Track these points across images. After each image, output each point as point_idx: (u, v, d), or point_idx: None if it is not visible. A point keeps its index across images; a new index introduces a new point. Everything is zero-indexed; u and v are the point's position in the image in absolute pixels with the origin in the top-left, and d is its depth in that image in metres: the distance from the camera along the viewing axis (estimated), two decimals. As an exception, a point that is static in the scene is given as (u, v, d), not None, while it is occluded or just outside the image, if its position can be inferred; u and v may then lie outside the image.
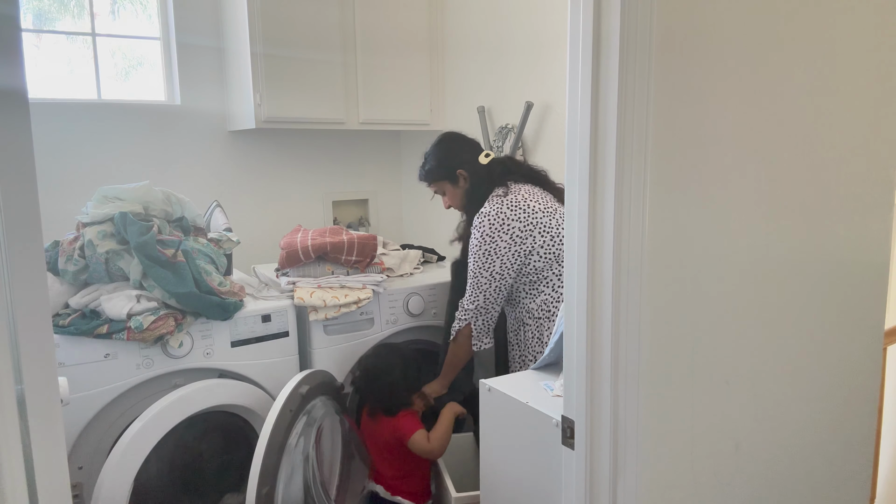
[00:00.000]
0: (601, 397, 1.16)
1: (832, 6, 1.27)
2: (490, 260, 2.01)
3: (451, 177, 2.15)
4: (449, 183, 2.17)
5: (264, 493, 1.78)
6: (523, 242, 2.00)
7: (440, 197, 2.25)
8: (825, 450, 1.46)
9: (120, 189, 2.02)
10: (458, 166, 2.14)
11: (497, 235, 2.00)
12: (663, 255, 1.13)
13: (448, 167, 2.15)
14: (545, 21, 2.47)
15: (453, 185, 2.16)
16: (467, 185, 2.14)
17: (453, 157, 2.16)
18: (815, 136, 1.29)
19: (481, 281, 2.03)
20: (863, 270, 1.45)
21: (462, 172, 2.14)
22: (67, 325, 1.86)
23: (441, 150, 2.19)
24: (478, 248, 2.02)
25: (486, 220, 2.02)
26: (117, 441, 1.84)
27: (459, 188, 2.16)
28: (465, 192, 2.15)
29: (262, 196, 3.04)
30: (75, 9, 2.67)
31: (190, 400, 1.95)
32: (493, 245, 2.00)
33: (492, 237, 2.00)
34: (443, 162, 2.16)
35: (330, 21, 2.72)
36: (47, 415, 0.85)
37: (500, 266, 2.01)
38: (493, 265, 2.01)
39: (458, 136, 2.25)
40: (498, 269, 2.01)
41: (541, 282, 2.03)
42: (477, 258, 2.03)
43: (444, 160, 2.17)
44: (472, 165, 2.14)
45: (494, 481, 1.66)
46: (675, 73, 1.08)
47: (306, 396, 1.96)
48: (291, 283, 2.28)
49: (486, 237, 2.00)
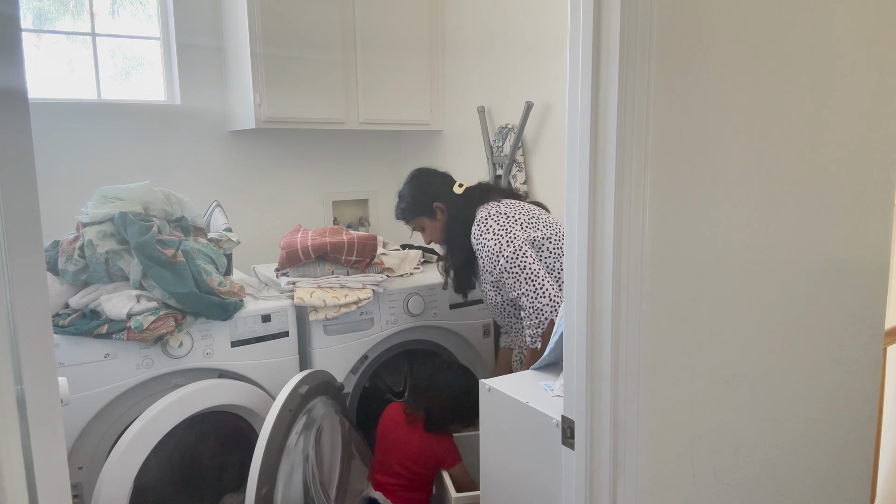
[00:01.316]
0: (601, 397, 1.16)
1: (832, 6, 1.27)
2: (518, 246, 1.94)
3: (429, 211, 2.16)
4: (427, 218, 2.17)
5: (263, 493, 1.78)
6: (532, 231, 1.99)
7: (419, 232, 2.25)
8: (825, 450, 1.46)
9: (120, 189, 2.02)
10: (433, 199, 2.15)
11: (509, 226, 1.97)
12: (663, 255, 1.13)
13: (423, 202, 2.16)
14: (545, 21, 2.47)
15: (431, 220, 2.17)
16: (445, 217, 2.14)
17: (427, 191, 2.17)
18: (814, 135, 1.29)
19: (532, 269, 1.92)
20: (863, 270, 1.45)
21: (439, 205, 2.14)
22: (67, 325, 1.86)
23: (414, 187, 2.20)
24: (497, 246, 1.96)
25: (491, 220, 2.00)
26: (117, 441, 1.84)
27: (438, 221, 2.16)
28: (443, 224, 2.15)
29: (262, 196, 3.03)
30: (75, 9, 2.67)
31: (190, 400, 1.95)
32: (510, 235, 1.96)
33: (505, 229, 1.97)
34: (417, 198, 2.17)
35: (330, 21, 2.72)
36: (47, 415, 0.85)
37: (528, 252, 1.94)
38: (525, 250, 1.94)
39: (430, 171, 2.26)
40: (530, 255, 1.94)
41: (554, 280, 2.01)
42: (506, 255, 1.95)
43: (417, 197, 2.17)
44: (447, 197, 2.15)
45: (494, 481, 1.66)
46: (675, 73, 1.08)
47: (306, 396, 1.96)
48: (291, 283, 2.28)
49: (500, 232, 1.97)
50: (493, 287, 2.11)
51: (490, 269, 2.00)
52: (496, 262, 1.96)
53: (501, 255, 1.95)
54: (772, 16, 1.18)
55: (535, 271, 1.92)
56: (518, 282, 1.93)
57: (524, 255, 1.93)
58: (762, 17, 1.17)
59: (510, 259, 1.94)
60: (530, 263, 1.93)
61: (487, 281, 2.13)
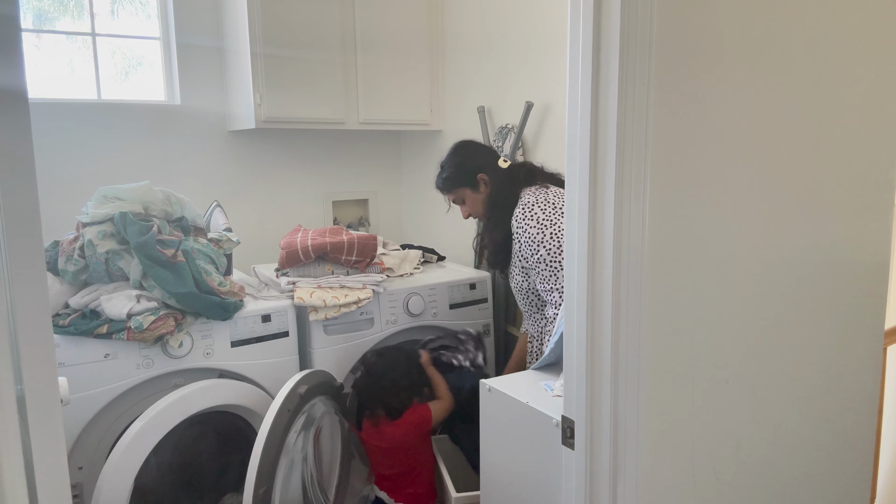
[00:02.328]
0: (601, 397, 1.16)
1: (833, 7, 1.27)
2: (561, 242, 1.88)
3: (472, 182, 2.10)
4: (469, 189, 2.12)
5: (261, 493, 1.78)
6: None
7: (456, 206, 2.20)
8: (825, 450, 1.46)
9: (120, 189, 2.02)
10: (477, 171, 2.10)
11: (555, 218, 1.93)
12: (663, 254, 1.13)
13: (467, 173, 2.10)
14: (545, 21, 2.47)
15: (474, 191, 2.11)
16: (489, 190, 2.09)
17: (472, 162, 2.12)
18: (814, 135, 1.29)
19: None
20: (863, 270, 1.45)
21: (483, 177, 2.09)
22: (67, 325, 1.86)
23: (458, 157, 2.15)
24: (540, 236, 1.92)
25: (538, 207, 1.95)
26: (117, 441, 1.84)
27: (480, 193, 2.11)
28: (486, 197, 2.10)
29: (262, 196, 3.03)
30: (75, 9, 2.67)
31: (190, 400, 1.95)
32: (555, 227, 1.92)
33: (550, 220, 1.93)
34: (461, 168, 2.12)
35: (330, 21, 2.72)
36: (47, 415, 0.85)
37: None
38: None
39: (474, 143, 2.22)
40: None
41: None
42: (548, 247, 1.90)
43: (462, 166, 2.12)
44: (492, 169, 2.10)
45: (494, 481, 1.66)
46: (674, 72, 1.08)
47: (305, 396, 1.96)
48: (291, 283, 2.28)
49: (545, 222, 1.93)
50: (523, 272, 2.05)
51: (526, 257, 1.97)
52: (535, 250, 1.93)
53: (542, 246, 1.92)
54: (772, 15, 1.19)
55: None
56: (555, 276, 1.90)
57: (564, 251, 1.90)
58: (762, 16, 1.17)
59: (552, 252, 1.90)
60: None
61: (517, 265, 2.06)
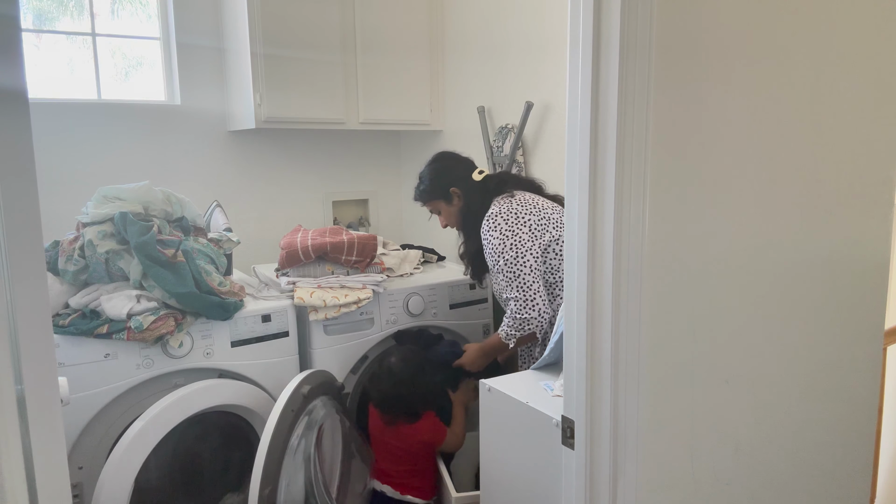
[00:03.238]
0: (601, 397, 1.16)
1: (833, 7, 1.27)
2: (521, 253, 1.96)
3: (445, 195, 2.17)
4: (443, 202, 2.18)
5: (266, 493, 1.78)
6: (542, 235, 1.99)
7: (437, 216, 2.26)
8: (825, 450, 1.46)
9: (120, 189, 2.02)
10: (451, 184, 2.16)
11: (517, 228, 1.98)
12: (663, 255, 1.13)
13: (441, 186, 2.17)
14: (545, 21, 2.47)
15: (447, 204, 2.18)
16: (461, 203, 2.15)
17: (446, 175, 2.18)
18: (814, 135, 1.29)
19: (526, 279, 1.94)
20: (863, 270, 1.45)
21: (455, 191, 2.15)
22: (67, 325, 1.86)
23: (434, 170, 2.21)
24: (501, 246, 1.98)
25: (500, 217, 2.00)
26: (118, 441, 1.84)
27: (454, 206, 2.17)
28: (459, 210, 2.17)
29: (262, 196, 3.03)
30: (75, 9, 2.67)
31: (190, 400, 1.95)
32: (516, 238, 1.97)
33: (512, 231, 1.98)
34: (435, 181, 2.18)
35: (330, 21, 2.72)
36: (47, 415, 0.85)
37: (532, 258, 1.95)
38: (526, 258, 1.95)
39: (452, 155, 2.27)
40: (531, 262, 1.95)
41: (556, 284, 1.99)
42: (507, 258, 1.96)
43: (436, 179, 2.18)
44: (465, 183, 2.16)
45: (494, 481, 1.66)
46: (675, 73, 1.08)
47: (308, 397, 1.96)
48: (291, 283, 2.28)
49: (507, 233, 1.98)
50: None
51: (490, 265, 2.04)
52: (496, 260, 1.99)
53: (502, 257, 1.97)
54: (772, 15, 1.18)
55: (528, 283, 1.94)
56: (510, 287, 1.97)
57: (523, 264, 1.95)
58: (762, 16, 1.17)
59: (510, 262, 1.96)
60: (527, 273, 1.94)
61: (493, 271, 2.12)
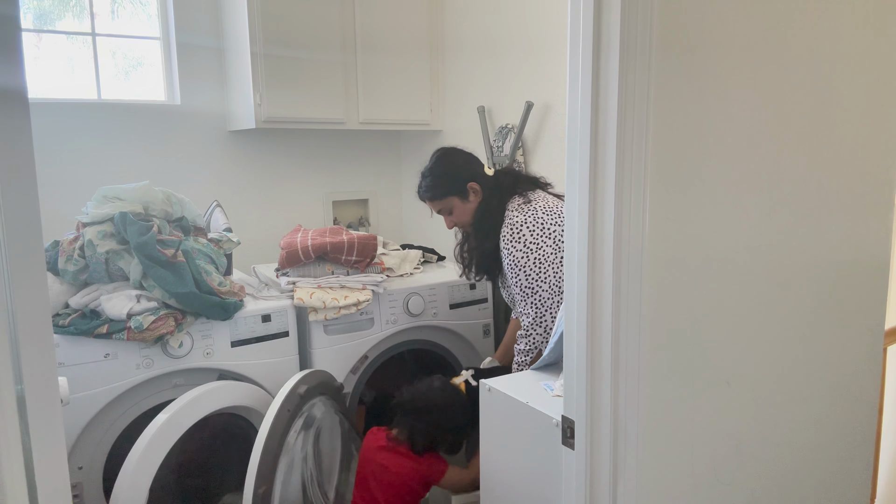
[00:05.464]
0: (601, 397, 1.16)
1: (833, 6, 1.27)
2: (543, 269, 1.87)
3: (461, 192, 2.00)
4: (458, 198, 2.01)
5: (261, 492, 1.78)
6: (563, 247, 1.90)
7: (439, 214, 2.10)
8: (825, 450, 1.46)
9: (120, 189, 2.02)
10: (468, 179, 2.00)
11: (542, 241, 1.88)
12: (663, 255, 1.13)
13: (457, 181, 2.00)
14: (545, 21, 2.47)
15: (462, 201, 2.01)
16: (479, 199, 2.00)
17: (461, 170, 2.03)
18: (815, 135, 1.29)
19: (543, 297, 1.87)
20: (863, 270, 1.45)
21: (474, 185, 2.00)
22: (67, 325, 1.86)
23: (446, 165, 2.04)
24: (524, 260, 1.88)
25: (525, 228, 1.89)
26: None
27: (470, 203, 2.01)
28: (476, 206, 2.01)
29: (262, 196, 3.03)
30: (75, 9, 2.67)
31: (201, 403, 1.94)
32: (540, 252, 1.87)
33: (537, 245, 1.88)
34: (450, 177, 2.01)
35: (330, 21, 2.72)
36: (47, 415, 0.85)
37: (552, 273, 1.86)
38: (547, 274, 1.87)
39: (460, 150, 2.11)
40: (551, 279, 1.86)
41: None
42: (528, 272, 1.87)
43: (450, 175, 2.02)
44: (482, 178, 2.01)
45: (494, 481, 1.66)
46: (675, 72, 1.08)
47: (304, 396, 1.96)
48: (291, 283, 2.28)
49: (531, 245, 1.87)
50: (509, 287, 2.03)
51: (509, 276, 1.94)
52: (516, 274, 1.90)
53: (523, 271, 1.89)
54: (772, 15, 1.18)
55: (544, 300, 1.87)
56: (525, 302, 1.90)
57: (543, 280, 1.87)
58: (763, 16, 1.17)
59: (530, 277, 1.88)
60: (545, 290, 1.86)
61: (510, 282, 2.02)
